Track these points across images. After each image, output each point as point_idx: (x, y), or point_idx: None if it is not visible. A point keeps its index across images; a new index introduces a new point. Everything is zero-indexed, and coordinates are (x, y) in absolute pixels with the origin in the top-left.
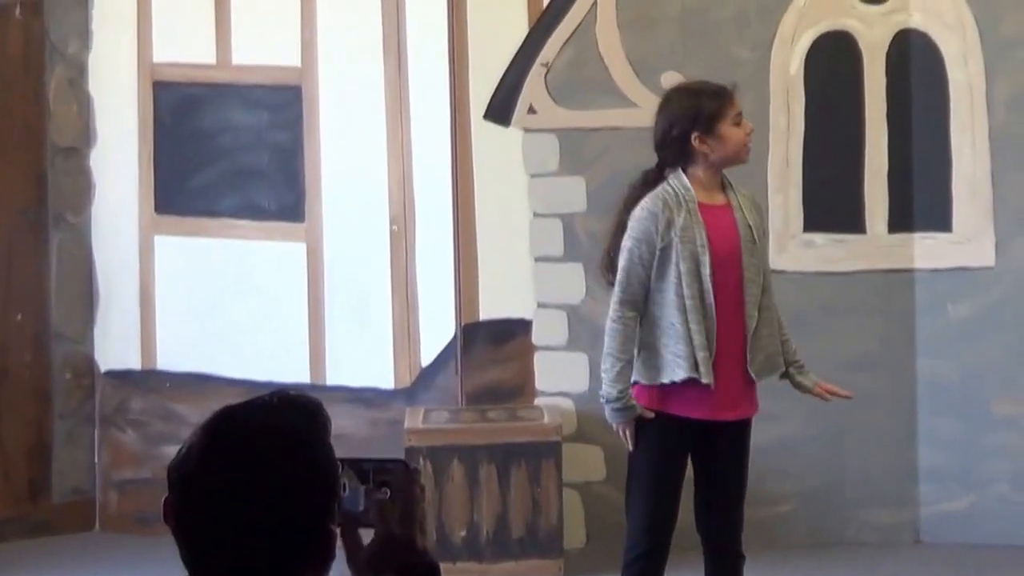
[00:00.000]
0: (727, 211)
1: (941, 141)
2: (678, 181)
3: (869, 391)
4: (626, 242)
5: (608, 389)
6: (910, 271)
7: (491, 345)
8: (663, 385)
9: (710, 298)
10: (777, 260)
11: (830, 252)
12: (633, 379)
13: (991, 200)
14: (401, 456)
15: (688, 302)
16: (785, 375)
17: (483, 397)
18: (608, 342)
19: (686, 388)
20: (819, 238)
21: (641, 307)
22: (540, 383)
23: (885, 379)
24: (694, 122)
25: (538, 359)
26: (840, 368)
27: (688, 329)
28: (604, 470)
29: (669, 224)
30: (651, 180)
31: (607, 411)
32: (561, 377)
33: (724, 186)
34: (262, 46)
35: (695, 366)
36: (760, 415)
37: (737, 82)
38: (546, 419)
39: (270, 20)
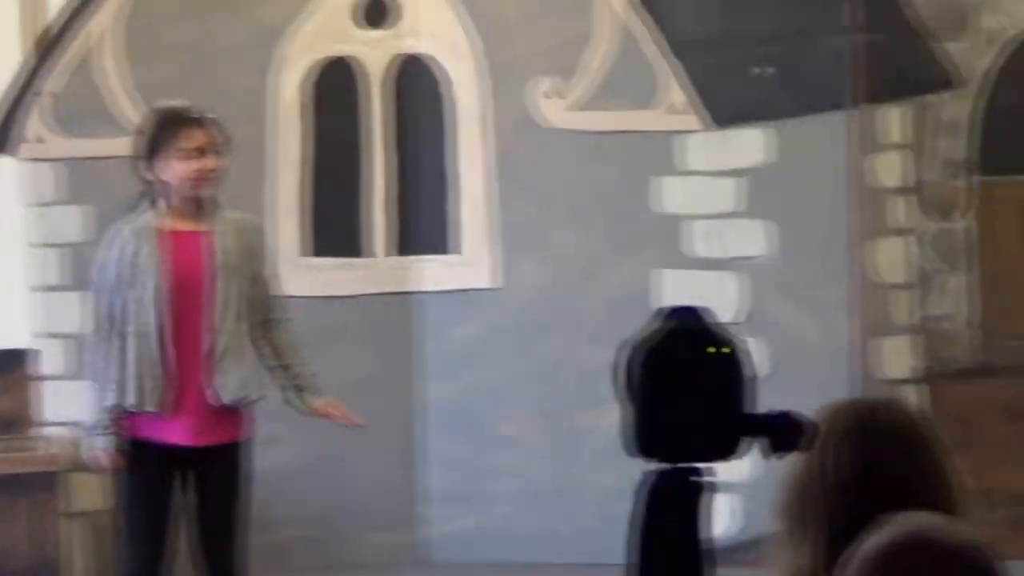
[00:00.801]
0: (198, 237)
1: (445, 165)
2: (143, 209)
3: (374, 413)
4: (91, 273)
5: (88, 422)
6: (414, 294)
7: None
8: (132, 412)
9: (162, 321)
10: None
11: (334, 276)
12: (115, 406)
13: (495, 223)
14: None
15: (142, 328)
16: (292, 399)
17: None
18: (87, 375)
19: (156, 414)
20: (323, 262)
21: (115, 335)
22: (42, 413)
23: (390, 401)
24: (144, 150)
25: (39, 389)
26: (345, 391)
27: (141, 355)
28: (105, 500)
29: (123, 252)
30: (135, 205)
31: (82, 444)
32: (63, 406)
33: (204, 212)
34: None
35: (142, 393)
36: (263, 440)
37: (204, 114)
38: (45, 449)
39: None
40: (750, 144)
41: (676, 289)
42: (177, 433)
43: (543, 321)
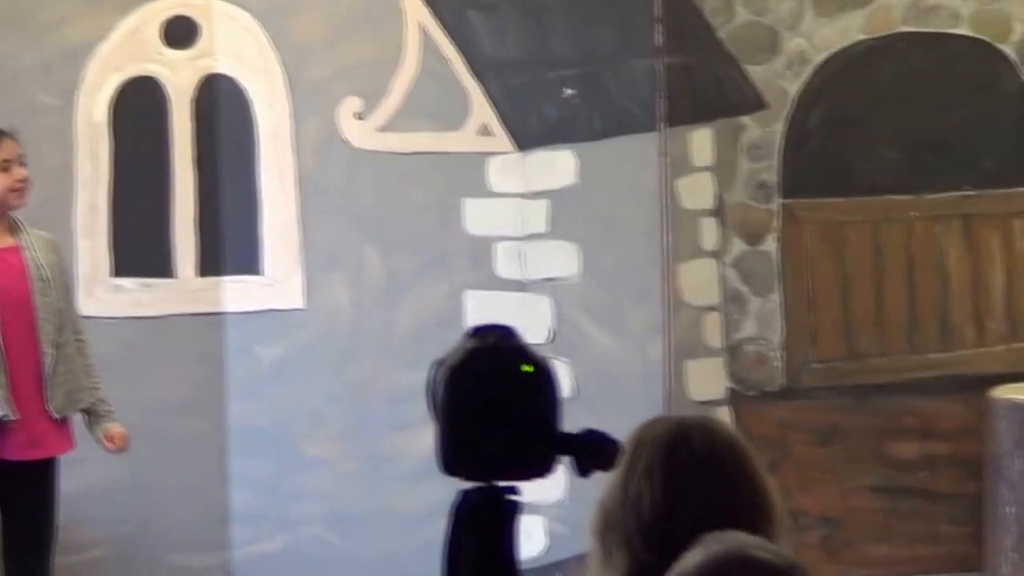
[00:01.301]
0: (15, 252)
1: (251, 185)
2: None
3: (180, 435)
4: None
5: None
6: (220, 314)
7: None
8: None
9: None
10: (86, 305)
11: (139, 297)
12: None
13: (300, 243)
14: None
15: None
16: (84, 421)
17: None
18: None
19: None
20: (128, 283)
21: None
22: None
23: (196, 423)
24: None
25: None
26: (151, 413)
27: None
28: None
29: None
30: None
31: None
32: None
33: (14, 227)
34: None
35: None
36: (70, 458)
37: (14, 128)
38: None
39: None
40: (557, 166)
41: (485, 310)
42: (10, 447)
43: (351, 342)
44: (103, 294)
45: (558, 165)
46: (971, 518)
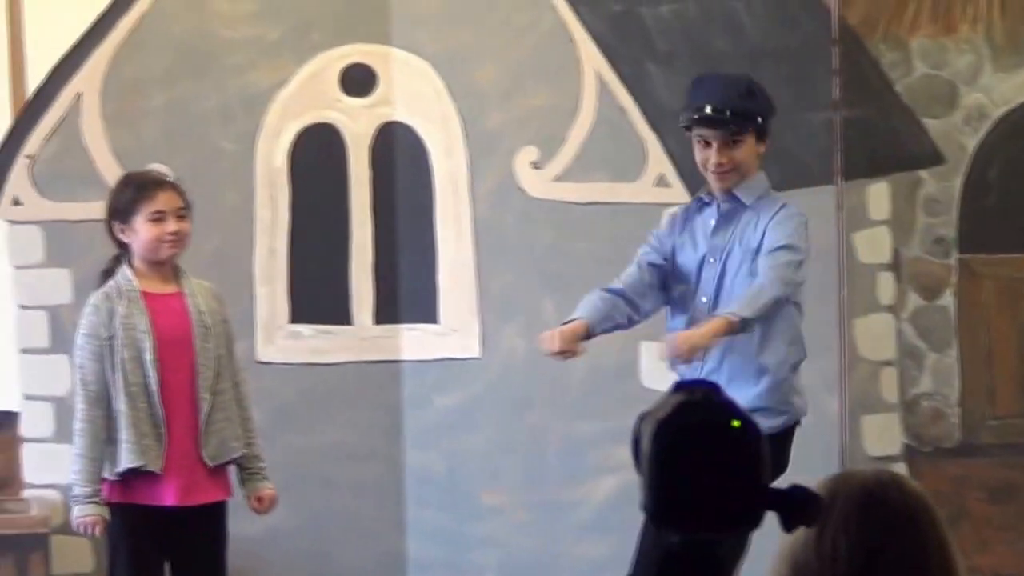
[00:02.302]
0: (174, 298)
1: (427, 232)
2: (122, 273)
3: (357, 482)
4: (77, 340)
5: (77, 490)
6: (397, 362)
7: None
8: (123, 475)
9: (154, 385)
10: (265, 351)
11: (317, 343)
12: (127, 470)
13: (476, 291)
14: None
15: (133, 388)
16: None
17: None
18: (77, 442)
19: (146, 476)
20: (306, 329)
21: (106, 402)
22: (28, 475)
23: (373, 470)
24: (114, 213)
25: (26, 451)
26: (328, 459)
27: (135, 416)
28: (92, 562)
29: (111, 315)
30: (109, 270)
31: (74, 511)
32: (49, 469)
33: (174, 275)
34: None
35: (142, 452)
36: (243, 502)
37: (176, 178)
38: (33, 511)
39: None
40: None
41: (656, 363)
42: (166, 494)
43: (526, 392)
44: (282, 340)
45: None
46: None
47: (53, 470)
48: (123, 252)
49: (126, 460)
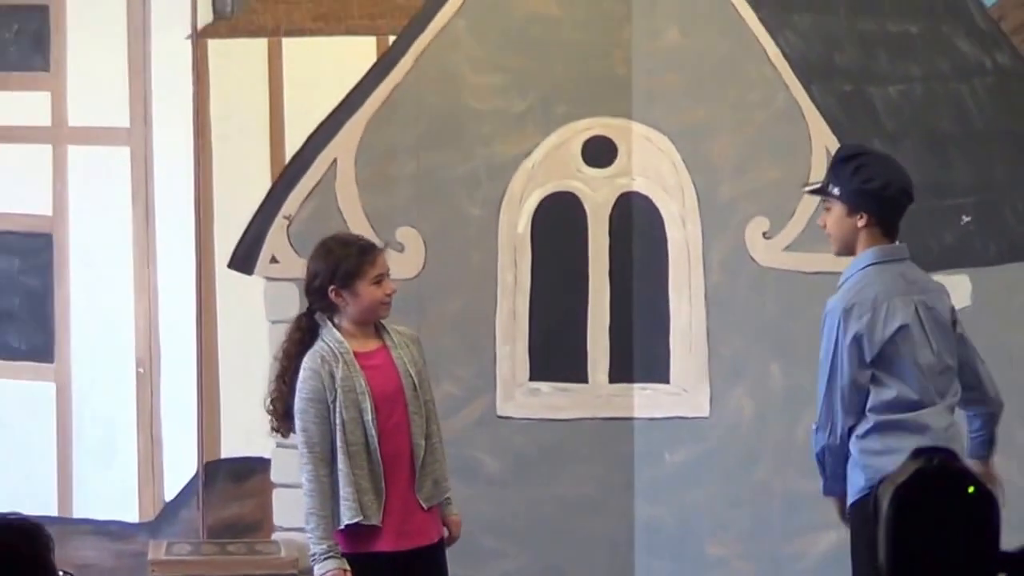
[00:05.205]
0: (383, 353)
1: (660, 297)
2: (330, 335)
3: (589, 533)
4: (299, 404)
5: (315, 548)
6: (630, 419)
7: (231, 482)
8: (348, 527)
9: (374, 442)
10: (504, 407)
11: (555, 400)
12: (353, 524)
13: (706, 354)
14: None
15: (352, 448)
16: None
17: (223, 531)
18: (308, 502)
19: (367, 526)
20: (544, 387)
21: (331, 462)
22: (277, 519)
23: (605, 522)
24: (333, 276)
25: (276, 496)
26: (562, 511)
27: (354, 474)
28: None
29: (332, 376)
30: (304, 325)
31: (315, 569)
32: (297, 513)
33: (379, 330)
34: (15, 196)
35: (361, 508)
36: (485, 550)
37: (387, 242)
38: (283, 553)
39: (22, 172)
40: (953, 289)
41: None
42: (385, 541)
43: (752, 450)
44: (521, 396)
45: (954, 289)
46: None
47: (301, 514)
48: (332, 311)
49: (347, 516)
